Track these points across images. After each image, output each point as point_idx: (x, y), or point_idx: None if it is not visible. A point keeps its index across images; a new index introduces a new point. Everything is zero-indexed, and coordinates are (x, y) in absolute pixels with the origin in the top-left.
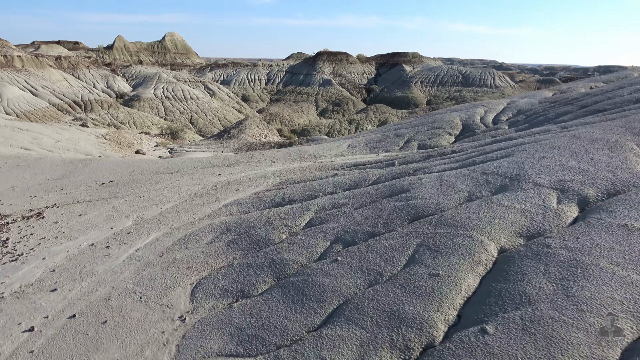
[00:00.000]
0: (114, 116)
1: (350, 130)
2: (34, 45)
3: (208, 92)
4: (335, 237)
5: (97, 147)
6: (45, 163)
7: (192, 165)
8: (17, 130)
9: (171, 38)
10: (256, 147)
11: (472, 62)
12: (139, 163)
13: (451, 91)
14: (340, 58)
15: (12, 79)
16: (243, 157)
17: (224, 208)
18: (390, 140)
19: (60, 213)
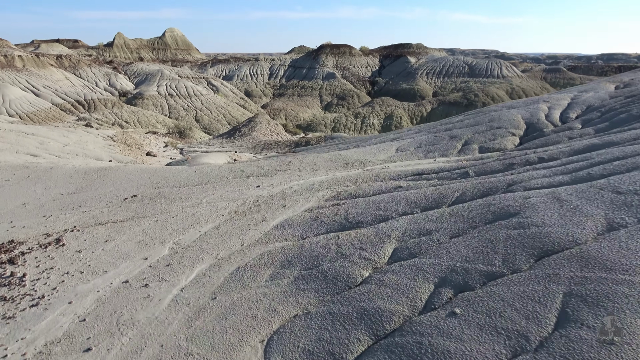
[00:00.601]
0: (118, 115)
1: (357, 124)
2: (33, 44)
3: (211, 88)
4: (440, 278)
5: (107, 150)
6: (57, 174)
7: (224, 175)
8: (23, 134)
9: (171, 34)
10: (271, 146)
11: (474, 52)
12: (162, 173)
13: (457, 82)
14: (344, 51)
15: (14, 79)
16: (279, 165)
17: (275, 231)
18: (444, 142)
19: (83, 239)
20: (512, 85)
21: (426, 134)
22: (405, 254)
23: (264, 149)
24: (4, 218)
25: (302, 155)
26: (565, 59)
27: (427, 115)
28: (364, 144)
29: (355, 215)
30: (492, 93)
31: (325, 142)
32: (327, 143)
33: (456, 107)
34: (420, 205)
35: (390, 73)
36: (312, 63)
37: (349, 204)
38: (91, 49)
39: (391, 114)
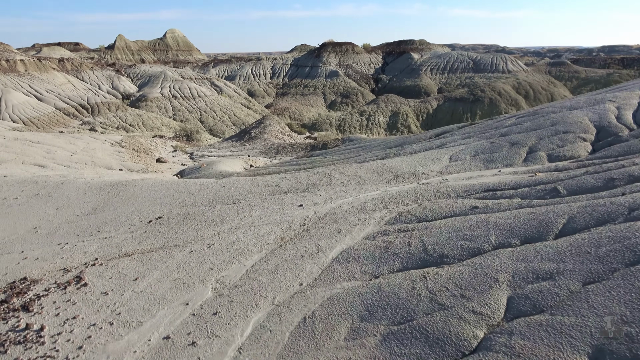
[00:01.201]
0: (123, 118)
1: (362, 122)
2: (35, 48)
3: (215, 88)
4: (595, 348)
5: (116, 157)
6: (70, 190)
7: (258, 191)
8: (28, 143)
9: (172, 35)
10: (285, 149)
11: (474, 47)
12: (186, 189)
13: (462, 78)
14: (346, 48)
15: (16, 84)
16: (319, 178)
17: (337, 265)
18: (505, 149)
19: (107, 276)
20: (518, 79)
21: (479, 140)
22: (528, 307)
23: (278, 153)
24: (14, 246)
25: (341, 166)
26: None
27: (433, 112)
28: (405, 151)
29: (435, 247)
30: (498, 88)
31: (343, 144)
32: (345, 146)
33: (463, 103)
34: (518, 235)
35: (394, 70)
36: (315, 61)
37: (419, 229)
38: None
39: (397, 111)
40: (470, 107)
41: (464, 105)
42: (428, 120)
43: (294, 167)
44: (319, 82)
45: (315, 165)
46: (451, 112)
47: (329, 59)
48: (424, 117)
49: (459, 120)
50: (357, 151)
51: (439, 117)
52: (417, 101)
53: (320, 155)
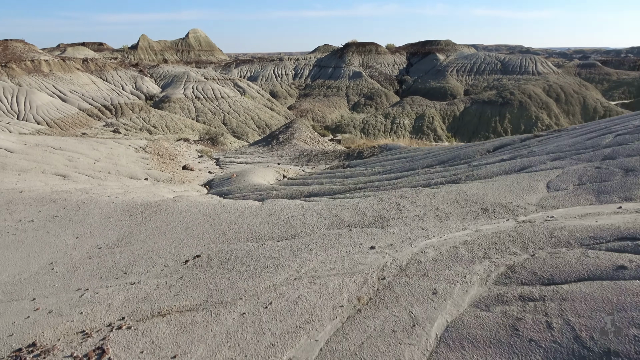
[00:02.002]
0: (146, 120)
1: (387, 125)
2: (59, 48)
3: (238, 89)
4: None
5: (141, 165)
6: (92, 212)
7: (313, 224)
8: (50, 150)
9: (195, 35)
10: (317, 157)
11: (497, 47)
12: (226, 216)
13: (490, 80)
14: (370, 49)
15: (41, 84)
16: (386, 208)
17: (449, 353)
18: (618, 178)
19: (137, 350)
20: (548, 82)
21: (576, 162)
22: None
23: (310, 161)
24: (25, 289)
25: (409, 191)
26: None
27: (460, 115)
28: (478, 172)
29: (592, 334)
30: (528, 91)
31: (381, 153)
32: (385, 156)
33: (491, 106)
34: None
35: (419, 71)
36: (338, 62)
37: (553, 300)
38: (116, 51)
39: (422, 114)
40: (499, 111)
41: (493, 108)
42: (454, 124)
43: (332, 180)
44: (342, 83)
45: (359, 182)
46: (479, 116)
47: (352, 60)
48: (450, 120)
49: (487, 124)
50: (401, 163)
51: (466, 120)
52: (443, 103)
53: (358, 166)
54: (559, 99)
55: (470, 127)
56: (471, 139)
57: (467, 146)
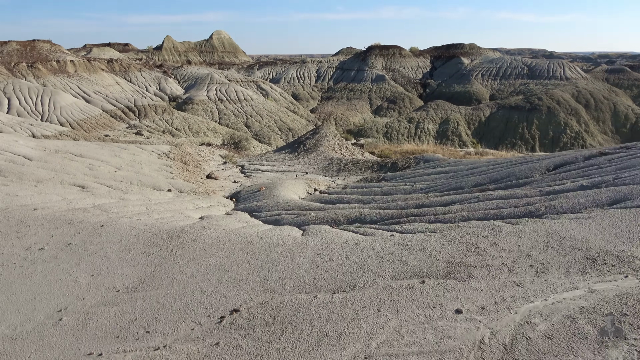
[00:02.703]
0: (169, 122)
1: (410, 130)
2: (85, 48)
3: (261, 92)
4: None
5: (164, 174)
6: (111, 239)
7: (374, 269)
8: (69, 157)
9: (218, 36)
10: (348, 167)
11: (520, 51)
12: (265, 252)
13: (516, 84)
14: (393, 52)
15: (65, 85)
16: (462, 251)
17: None
18: None
19: None
20: (577, 87)
21: None
22: None
23: (340, 171)
24: (25, 350)
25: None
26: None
27: (486, 120)
28: (561, 204)
29: None
30: (557, 96)
31: (418, 165)
32: (424, 168)
33: (518, 112)
34: None
35: (443, 75)
36: (361, 65)
37: None
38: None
39: (447, 118)
40: (526, 116)
41: (520, 114)
42: (480, 129)
43: (370, 196)
44: (364, 87)
45: (407, 204)
46: (505, 121)
47: (376, 63)
48: (476, 125)
49: (513, 130)
50: (445, 179)
51: (492, 126)
52: (468, 108)
53: (395, 180)
54: (588, 105)
55: (497, 132)
56: (497, 145)
57: (518, 162)
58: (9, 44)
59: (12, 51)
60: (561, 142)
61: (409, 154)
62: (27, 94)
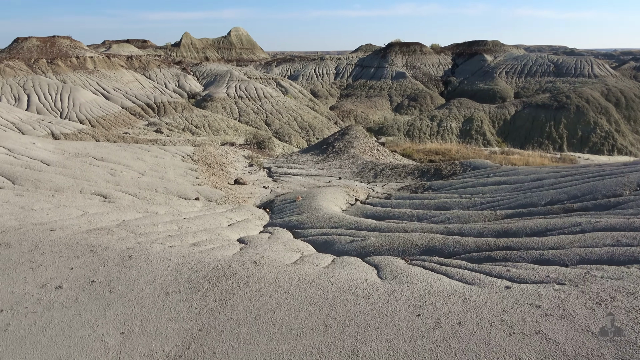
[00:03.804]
0: (188, 119)
1: (433, 128)
2: (104, 44)
3: (280, 89)
4: None
5: (189, 179)
6: (142, 277)
7: (510, 350)
8: (90, 161)
9: (236, 33)
10: (384, 172)
11: (540, 48)
12: (343, 310)
13: (542, 82)
14: (414, 49)
15: (85, 81)
16: (623, 319)
17: None
18: None
19: None
20: (607, 85)
21: None
22: None
23: (377, 177)
24: None
25: (616, 290)
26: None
27: (511, 119)
28: None
29: None
30: (585, 95)
31: (466, 172)
32: (474, 177)
33: (545, 111)
34: None
35: (465, 72)
36: (381, 62)
37: None
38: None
39: (470, 117)
40: (553, 115)
41: (547, 112)
42: (505, 128)
43: (423, 211)
44: (384, 84)
45: (486, 230)
46: (531, 120)
47: (396, 60)
48: (501, 124)
49: (540, 129)
50: (507, 192)
51: (517, 125)
52: (492, 106)
53: (445, 191)
54: (619, 103)
55: (522, 132)
56: (523, 144)
57: (596, 173)
58: (29, 40)
59: (32, 47)
60: (590, 141)
61: (433, 153)
62: (47, 91)
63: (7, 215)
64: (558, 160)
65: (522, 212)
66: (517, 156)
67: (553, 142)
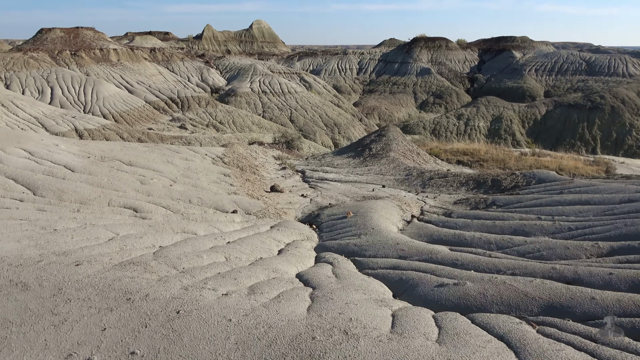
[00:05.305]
0: (212, 115)
1: (459, 127)
2: (127, 36)
3: (304, 84)
4: None
5: (224, 186)
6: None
7: None
8: (118, 166)
9: (258, 26)
10: (433, 180)
11: (564, 45)
12: None
13: (573, 81)
14: (439, 44)
15: (108, 74)
16: None
17: None
18: None
19: None
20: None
21: None
22: None
23: (425, 186)
24: None
25: None
26: None
27: (542, 119)
28: None
29: None
30: (621, 95)
31: (530, 185)
32: (544, 192)
33: (578, 111)
34: None
35: (492, 69)
36: (405, 57)
37: None
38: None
39: (499, 116)
40: (587, 116)
41: (580, 112)
42: (535, 128)
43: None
44: (409, 80)
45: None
46: (563, 120)
47: (421, 55)
48: (531, 124)
49: (572, 130)
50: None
51: (548, 125)
52: (522, 105)
53: (515, 208)
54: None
55: (554, 132)
56: (555, 146)
57: None
58: (53, 31)
59: (56, 38)
60: (625, 144)
61: (461, 154)
62: (70, 83)
63: (26, 240)
64: (592, 164)
65: (634, 246)
66: (549, 158)
67: (586, 144)
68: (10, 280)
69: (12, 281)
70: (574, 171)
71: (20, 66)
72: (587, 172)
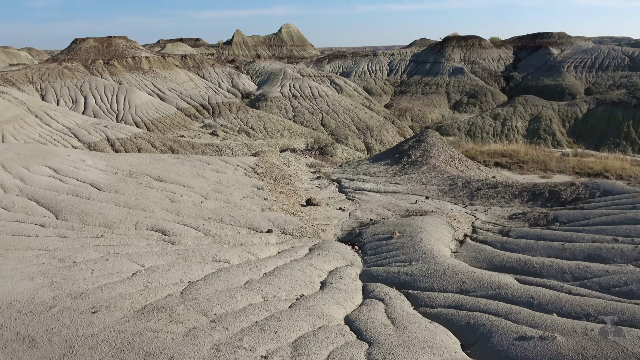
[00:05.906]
0: (244, 121)
1: (496, 127)
2: (159, 44)
3: (335, 87)
4: None
5: (257, 201)
6: None
7: None
8: (146, 182)
9: (287, 30)
10: (482, 191)
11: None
12: None
13: (616, 77)
14: (472, 43)
15: (140, 82)
16: None
17: None
18: None
19: None
20: None
21: None
22: None
23: (474, 198)
24: None
25: None
26: None
27: (583, 118)
28: None
29: None
30: None
31: (594, 197)
32: (611, 205)
33: (622, 108)
34: None
35: (528, 67)
36: (437, 57)
37: None
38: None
39: (538, 115)
40: (632, 113)
41: (624, 110)
42: (576, 128)
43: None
44: (441, 80)
45: None
46: (607, 119)
47: (453, 55)
48: (572, 123)
49: (617, 128)
50: None
51: (590, 124)
52: (561, 104)
53: (581, 226)
54: None
55: (596, 132)
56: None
57: None
58: (87, 41)
59: (89, 48)
60: None
61: (499, 155)
62: (103, 92)
63: (41, 277)
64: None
65: None
66: (593, 159)
67: (632, 143)
68: (17, 332)
69: (18, 334)
70: (621, 172)
71: (55, 76)
72: (634, 173)
